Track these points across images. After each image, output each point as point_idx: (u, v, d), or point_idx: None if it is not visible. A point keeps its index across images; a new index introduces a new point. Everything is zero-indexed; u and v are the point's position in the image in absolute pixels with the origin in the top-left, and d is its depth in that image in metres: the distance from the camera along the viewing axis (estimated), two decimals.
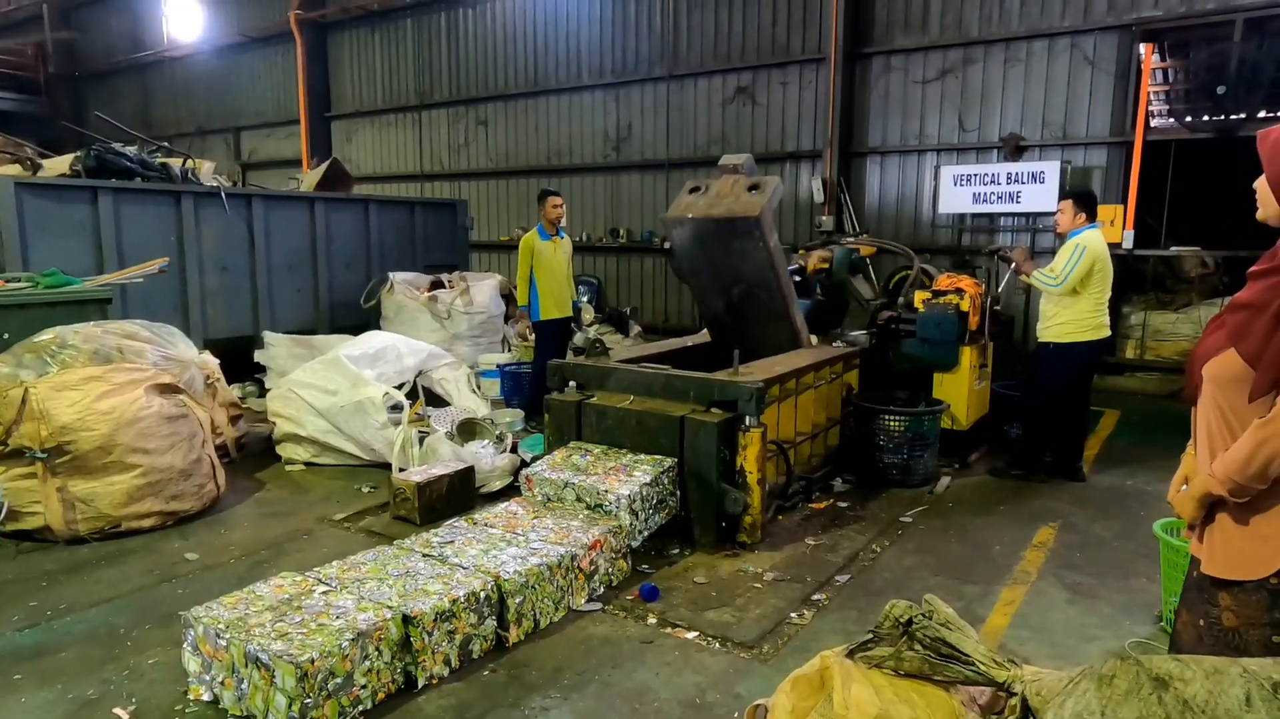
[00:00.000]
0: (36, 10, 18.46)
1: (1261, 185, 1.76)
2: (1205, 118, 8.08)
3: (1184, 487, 1.90)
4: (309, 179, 9.32)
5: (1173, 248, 8.59)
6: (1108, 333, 5.03)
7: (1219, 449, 1.75)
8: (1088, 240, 4.83)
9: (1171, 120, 8.58)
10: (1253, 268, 1.76)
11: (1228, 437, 1.73)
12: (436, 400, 6.03)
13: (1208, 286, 8.66)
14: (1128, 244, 7.82)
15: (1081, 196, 5.01)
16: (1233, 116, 7.67)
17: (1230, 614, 1.71)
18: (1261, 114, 7.88)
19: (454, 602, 2.98)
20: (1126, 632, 3.33)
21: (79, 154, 6.98)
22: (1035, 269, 5.08)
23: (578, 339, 5.16)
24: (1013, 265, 5.40)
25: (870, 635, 1.89)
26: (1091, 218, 4.96)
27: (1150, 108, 8.03)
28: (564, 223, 6.81)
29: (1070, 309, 4.91)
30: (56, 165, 7.15)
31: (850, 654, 1.87)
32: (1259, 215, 1.79)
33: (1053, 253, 8.41)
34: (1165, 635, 3.19)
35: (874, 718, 1.70)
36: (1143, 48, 7.78)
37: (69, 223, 6.44)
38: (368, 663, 2.73)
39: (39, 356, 4.46)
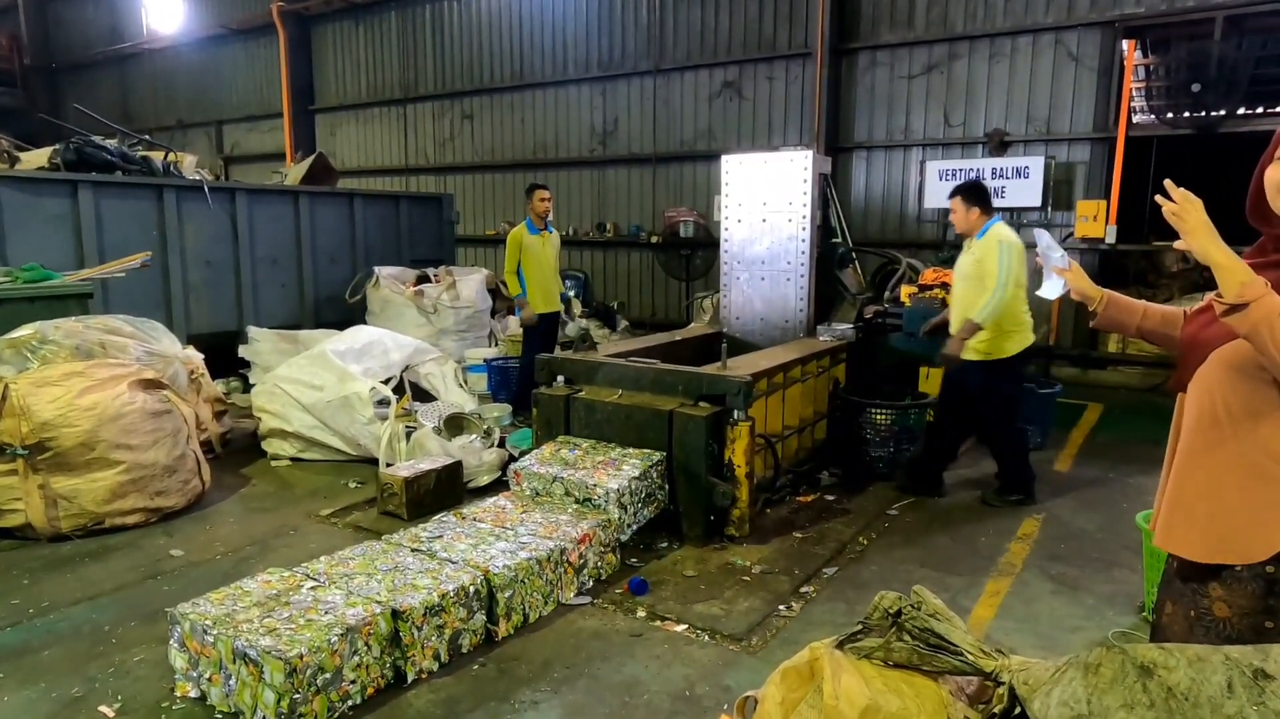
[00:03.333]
0: (11, 1, 18.15)
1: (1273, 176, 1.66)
2: (1186, 114, 8.16)
3: None
4: (293, 173, 9.24)
5: (1155, 242, 8.69)
6: (1033, 337, 4.64)
7: (1204, 435, 1.75)
8: (1005, 233, 4.49)
9: (1153, 117, 8.67)
10: (1247, 259, 1.75)
11: (1217, 423, 1.71)
12: (423, 395, 6.00)
13: (1188, 281, 8.78)
14: (1110, 239, 7.90)
15: (969, 190, 4.69)
16: (1213, 113, 7.75)
17: (1222, 604, 1.71)
18: (1241, 111, 7.98)
19: (443, 596, 2.97)
20: (1110, 622, 3.38)
21: (57, 147, 6.87)
22: (971, 327, 4.48)
23: (570, 329, 5.14)
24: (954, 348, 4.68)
25: (859, 627, 1.90)
26: (987, 211, 4.63)
27: (1132, 104, 8.10)
28: (550, 217, 6.76)
29: (1008, 314, 4.46)
30: (34, 158, 7.04)
31: (839, 645, 1.89)
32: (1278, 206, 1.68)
33: (1034, 247, 8.57)
34: (1147, 625, 3.23)
35: (863, 708, 1.71)
36: (1125, 44, 7.85)
37: (48, 217, 6.35)
38: (357, 658, 2.72)
39: (19, 352, 4.40)
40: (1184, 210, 1.63)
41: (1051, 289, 1.63)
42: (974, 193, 4.67)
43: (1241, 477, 1.69)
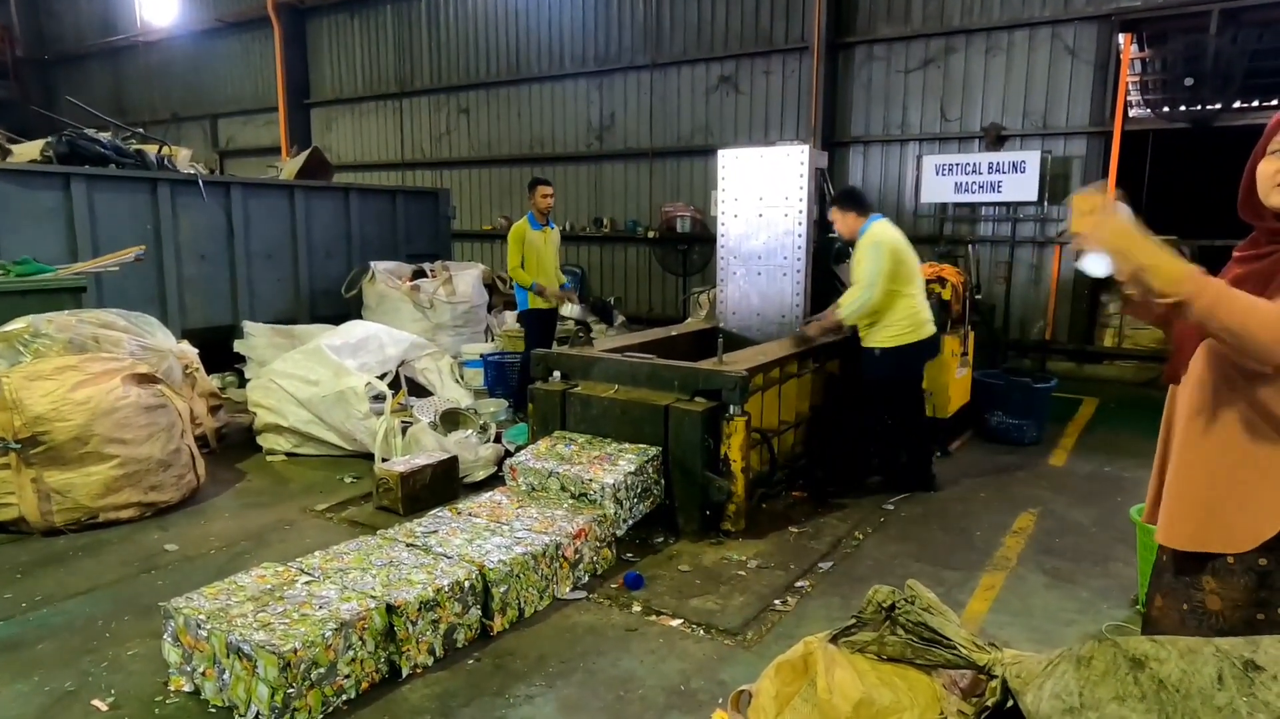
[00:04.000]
0: None
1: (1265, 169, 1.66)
2: (1182, 108, 8.17)
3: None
4: (289, 167, 9.20)
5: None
6: (932, 329, 4.67)
7: (1198, 424, 1.75)
8: (878, 233, 4.53)
9: (1149, 111, 8.67)
10: (1239, 252, 1.75)
11: (1210, 412, 1.72)
12: (419, 390, 5.99)
13: None
14: None
15: (844, 197, 4.73)
16: (1208, 107, 7.76)
17: (1215, 597, 1.72)
18: (1237, 105, 7.98)
19: (438, 591, 2.97)
20: (1104, 615, 3.39)
21: (50, 140, 6.83)
22: (834, 314, 4.65)
23: (575, 311, 5.11)
24: (813, 331, 4.85)
25: (853, 621, 1.90)
26: (865, 212, 4.65)
27: (1129, 98, 8.10)
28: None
29: (891, 311, 4.55)
30: (27, 151, 7.00)
31: (834, 639, 1.89)
32: (1270, 201, 1.67)
33: (1031, 241, 8.60)
34: (1141, 618, 3.24)
35: (857, 702, 1.72)
36: (1121, 38, 7.84)
37: (41, 210, 6.32)
38: (351, 653, 2.72)
39: (11, 346, 4.38)
40: (1095, 225, 1.48)
41: (1095, 265, 1.51)
42: (846, 199, 4.74)
43: (1231, 466, 1.69)
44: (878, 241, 4.51)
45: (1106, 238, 1.49)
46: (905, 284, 4.56)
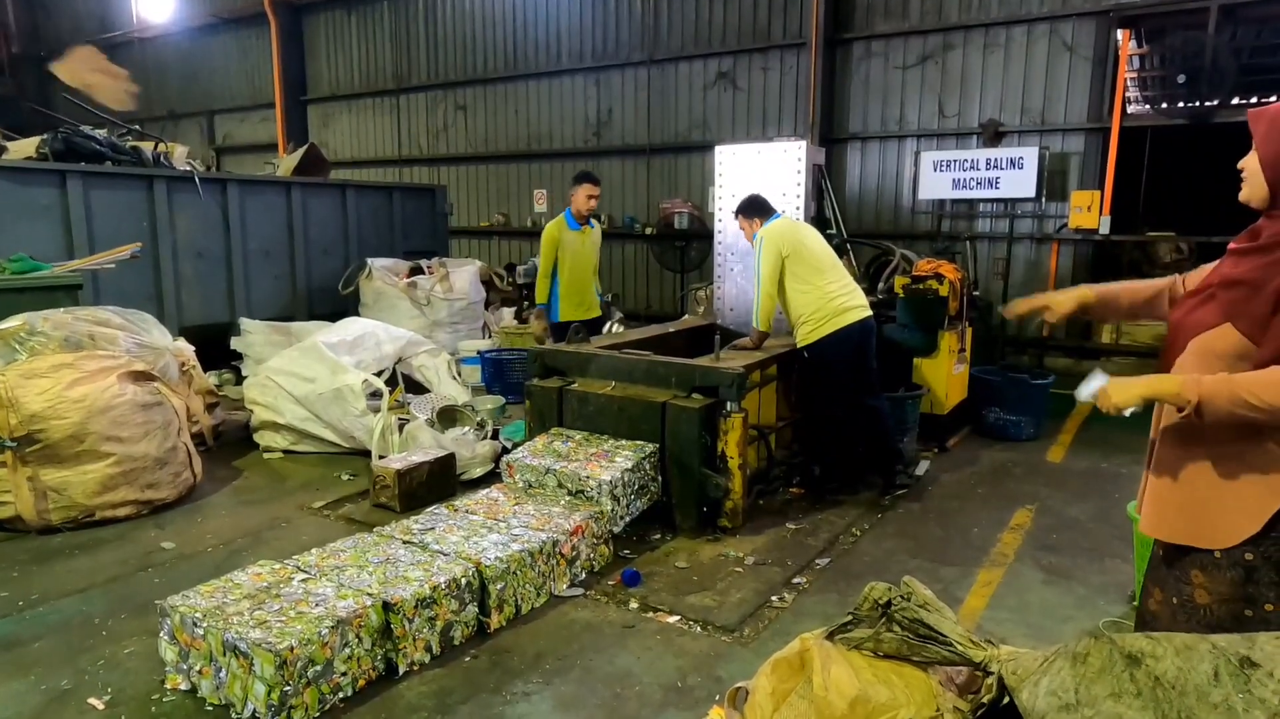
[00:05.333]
0: None
1: (1251, 163, 1.71)
2: (1180, 104, 8.16)
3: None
4: (285, 164, 9.17)
5: (1148, 233, 8.69)
6: (858, 315, 4.50)
7: (1183, 421, 1.76)
8: (764, 233, 4.52)
9: (1147, 107, 8.66)
10: (1234, 244, 1.75)
11: None
12: (416, 387, 5.98)
13: (1183, 271, 8.77)
14: (1104, 229, 7.90)
15: (744, 208, 4.72)
16: (1207, 103, 7.75)
17: (1203, 591, 1.73)
18: (1235, 101, 7.97)
19: (435, 588, 2.97)
20: (1100, 611, 3.39)
21: (46, 136, 6.80)
22: (758, 335, 4.65)
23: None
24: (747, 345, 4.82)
25: (850, 618, 1.90)
26: (766, 216, 4.64)
27: (1127, 94, 8.09)
28: (545, 208, 6.59)
29: (800, 307, 4.50)
30: (22, 148, 6.97)
31: (830, 636, 1.89)
32: (1243, 195, 1.74)
33: (1029, 237, 8.60)
34: (1136, 612, 3.25)
35: (853, 699, 1.71)
36: (1120, 34, 7.83)
37: (36, 207, 6.30)
38: (348, 650, 2.71)
39: (7, 344, 4.36)
40: (1110, 400, 1.76)
41: (1085, 390, 1.83)
42: (749, 207, 4.72)
43: (1215, 463, 1.71)
44: (761, 238, 4.51)
45: (1115, 402, 1.76)
46: (809, 278, 4.47)
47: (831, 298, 4.47)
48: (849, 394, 4.59)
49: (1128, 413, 1.78)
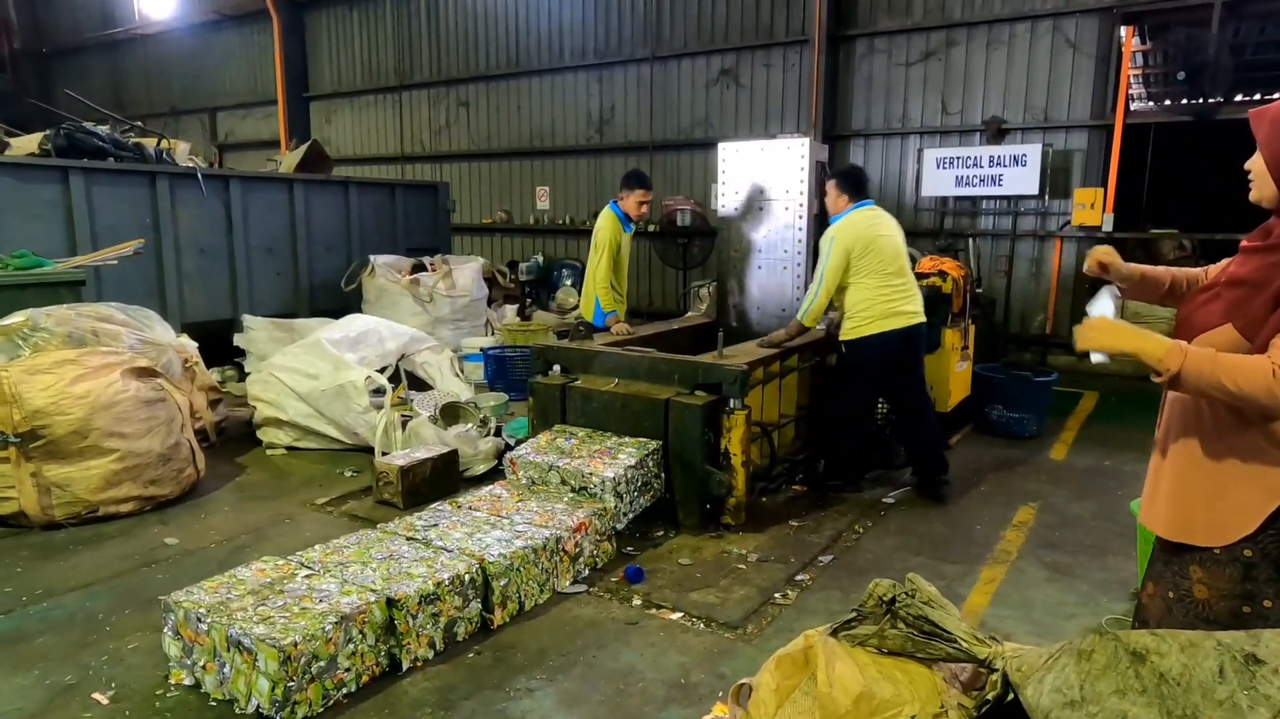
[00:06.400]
0: None
1: (1258, 165, 1.71)
2: (1184, 101, 8.13)
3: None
4: (288, 160, 9.18)
5: (1151, 230, 8.68)
6: (907, 321, 4.41)
7: (1189, 418, 1.76)
8: (838, 229, 4.40)
9: (1151, 103, 8.64)
10: (1245, 242, 1.75)
11: (1203, 409, 1.73)
12: (419, 384, 5.98)
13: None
14: (1108, 227, 7.89)
15: (846, 175, 4.54)
16: (1210, 100, 7.73)
17: (1202, 586, 1.73)
18: (1239, 98, 7.96)
19: (438, 584, 2.97)
20: (1104, 609, 3.39)
21: (48, 133, 6.81)
22: (796, 327, 4.57)
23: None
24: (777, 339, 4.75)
25: (854, 614, 1.90)
26: (856, 196, 4.48)
27: (1130, 91, 8.07)
28: (545, 206, 6.56)
29: (851, 303, 4.43)
30: (25, 144, 6.98)
31: (834, 633, 1.89)
32: (1253, 196, 1.73)
33: (1033, 235, 8.58)
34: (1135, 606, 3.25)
35: (857, 695, 1.71)
36: (1123, 30, 7.81)
37: (39, 203, 6.31)
38: (351, 646, 2.72)
39: (10, 340, 4.37)
40: (1082, 333, 1.75)
41: (1096, 356, 1.76)
42: (844, 178, 4.52)
43: (1215, 461, 1.71)
44: (833, 237, 4.40)
45: (1093, 340, 1.73)
46: (868, 278, 4.37)
47: (884, 300, 4.37)
48: (873, 397, 4.52)
49: (1095, 359, 1.72)
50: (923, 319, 4.53)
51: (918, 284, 5.44)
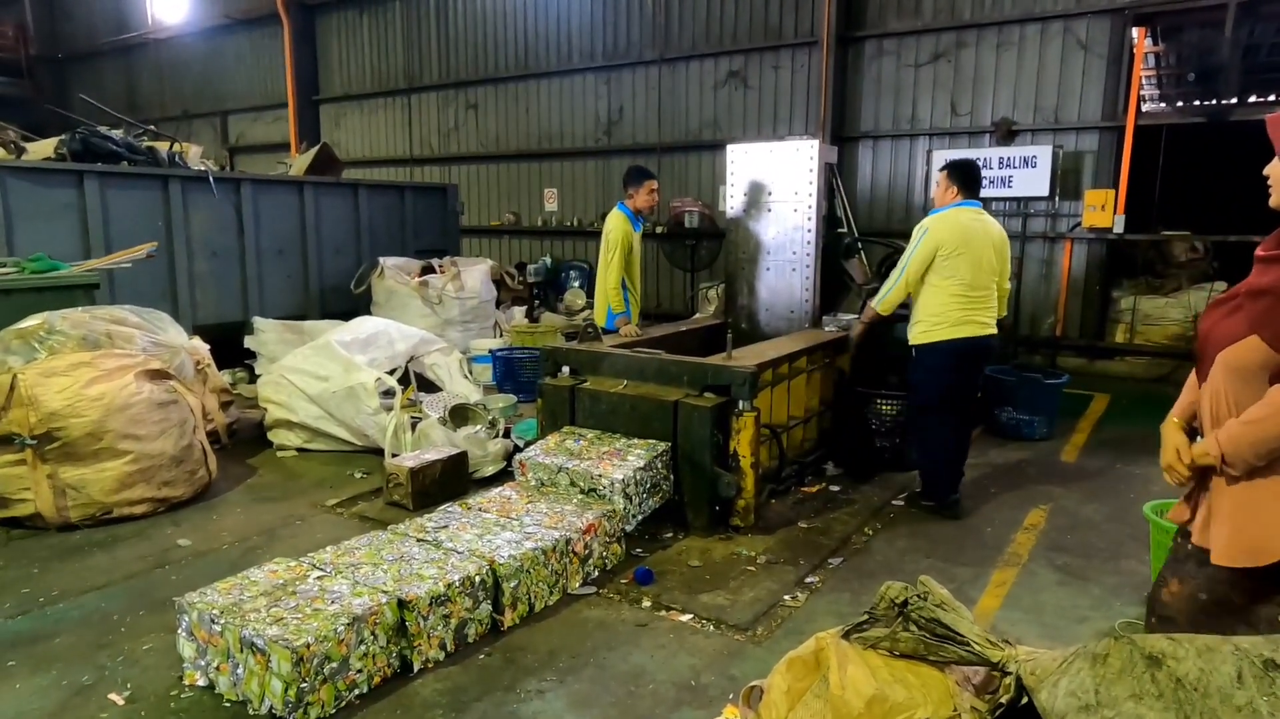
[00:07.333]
0: None
1: (1276, 171, 1.70)
2: (1196, 102, 8.09)
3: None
4: (298, 163, 9.23)
5: (1163, 232, 8.63)
6: (978, 330, 4.23)
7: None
8: (934, 221, 4.24)
9: (1163, 105, 8.58)
10: (1261, 251, 1.73)
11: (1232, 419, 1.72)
12: (429, 386, 6.01)
13: (1197, 271, 8.70)
14: (1119, 229, 7.85)
15: (959, 168, 4.32)
16: (1223, 101, 7.68)
17: (1242, 593, 1.71)
18: (1253, 99, 7.90)
19: (449, 586, 2.98)
20: (1116, 612, 3.37)
21: (64, 137, 6.87)
22: (870, 313, 4.56)
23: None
24: (855, 332, 4.90)
25: (865, 617, 1.89)
26: (966, 193, 4.28)
27: (1142, 92, 8.02)
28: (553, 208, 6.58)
29: (924, 304, 4.28)
30: (41, 148, 7.05)
31: (846, 635, 1.88)
32: (1273, 202, 1.72)
33: (1043, 236, 8.54)
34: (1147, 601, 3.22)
35: (870, 698, 1.71)
36: (1135, 31, 7.77)
37: (54, 207, 6.36)
38: (363, 647, 2.73)
39: (26, 343, 4.41)
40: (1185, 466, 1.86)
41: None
42: (960, 171, 4.32)
43: (1263, 482, 1.69)
44: (926, 229, 4.22)
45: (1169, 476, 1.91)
46: (953, 277, 4.17)
47: (957, 307, 4.20)
48: (951, 401, 4.38)
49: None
50: (994, 330, 4.35)
51: None
